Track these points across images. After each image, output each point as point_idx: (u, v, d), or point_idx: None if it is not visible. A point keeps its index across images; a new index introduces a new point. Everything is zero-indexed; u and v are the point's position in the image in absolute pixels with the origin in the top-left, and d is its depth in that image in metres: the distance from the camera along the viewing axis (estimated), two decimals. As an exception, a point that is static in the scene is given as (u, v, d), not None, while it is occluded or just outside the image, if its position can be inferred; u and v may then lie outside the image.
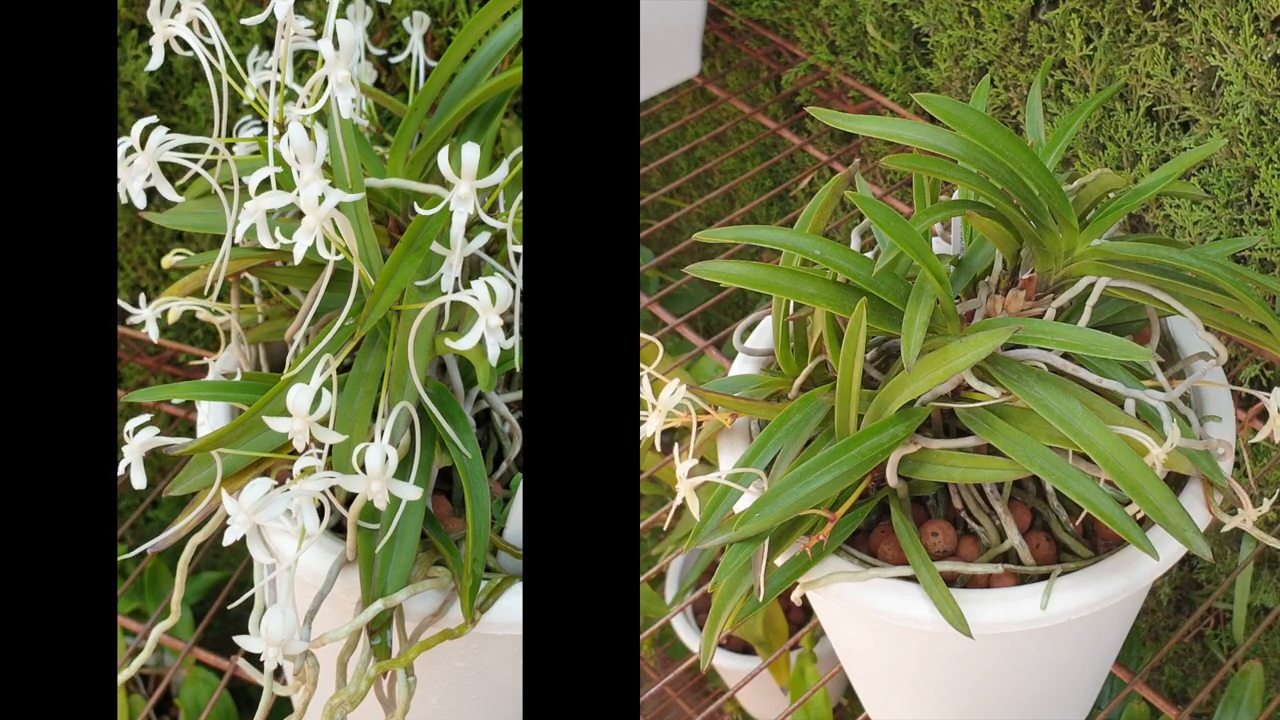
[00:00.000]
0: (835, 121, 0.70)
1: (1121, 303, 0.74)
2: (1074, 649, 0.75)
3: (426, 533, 0.55)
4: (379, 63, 0.70)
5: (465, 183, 0.48)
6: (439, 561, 0.55)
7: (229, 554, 0.98)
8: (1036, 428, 0.66)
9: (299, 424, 0.46)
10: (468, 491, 0.54)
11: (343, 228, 0.48)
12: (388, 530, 0.51)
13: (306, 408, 0.46)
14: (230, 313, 0.58)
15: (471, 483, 0.53)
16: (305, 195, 0.45)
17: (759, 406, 0.74)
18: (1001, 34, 1.10)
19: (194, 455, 0.54)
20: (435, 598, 0.54)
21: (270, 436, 0.53)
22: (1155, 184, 0.70)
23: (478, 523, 0.53)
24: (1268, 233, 0.97)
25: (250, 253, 0.55)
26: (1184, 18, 0.98)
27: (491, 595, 0.55)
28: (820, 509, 0.67)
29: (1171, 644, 0.92)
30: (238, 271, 0.55)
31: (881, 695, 0.81)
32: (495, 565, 0.57)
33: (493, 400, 0.59)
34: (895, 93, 1.23)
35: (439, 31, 0.73)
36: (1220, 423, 0.73)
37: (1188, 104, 1.00)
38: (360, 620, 0.51)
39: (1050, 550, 0.71)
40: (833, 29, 1.27)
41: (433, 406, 0.51)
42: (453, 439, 0.53)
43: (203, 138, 0.51)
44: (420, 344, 0.50)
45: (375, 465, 0.47)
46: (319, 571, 0.52)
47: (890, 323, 0.68)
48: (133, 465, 0.52)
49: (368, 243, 0.50)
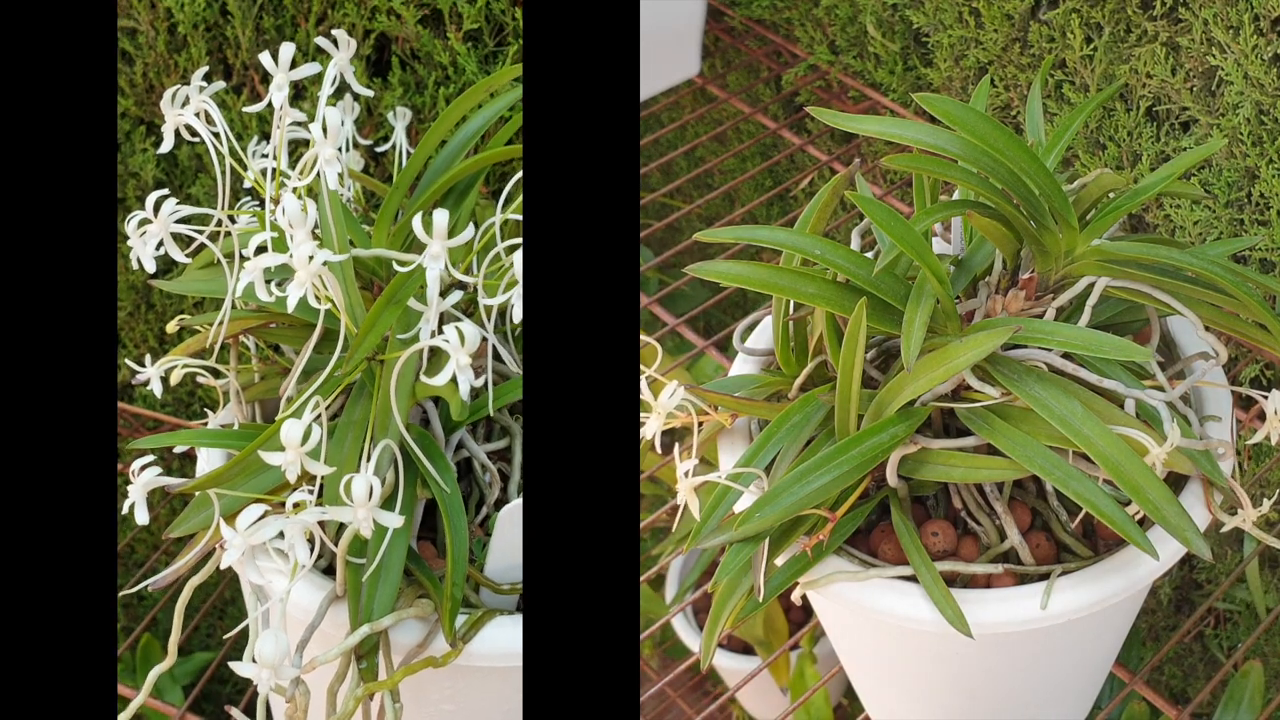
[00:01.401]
0: (835, 121, 0.70)
1: (1121, 303, 0.74)
2: (1074, 649, 0.75)
3: (411, 569, 0.58)
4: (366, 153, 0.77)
5: (437, 242, 0.53)
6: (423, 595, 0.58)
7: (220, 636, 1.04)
8: (1036, 428, 0.66)
9: (291, 455, 0.50)
10: (447, 523, 0.57)
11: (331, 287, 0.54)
12: (374, 560, 0.54)
13: (299, 439, 0.50)
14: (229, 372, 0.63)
15: (450, 515, 0.57)
16: (298, 255, 0.51)
17: (759, 406, 0.74)
18: (1001, 34, 1.10)
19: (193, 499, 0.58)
20: (419, 629, 0.57)
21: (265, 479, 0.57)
22: (1155, 184, 0.70)
23: (456, 550, 0.56)
24: (1268, 233, 0.97)
25: (248, 314, 0.62)
26: (1184, 18, 0.98)
27: (473, 627, 0.58)
28: (820, 509, 0.67)
29: (1171, 644, 0.92)
30: (236, 333, 0.62)
31: (881, 695, 0.81)
32: (477, 601, 0.60)
33: (473, 449, 0.62)
34: (895, 93, 1.23)
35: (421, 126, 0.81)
36: (1220, 423, 0.73)
37: (1188, 104, 1.00)
38: (349, 643, 0.53)
39: (1050, 550, 0.71)
40: (833, 29, 1.27)
41: (414, 446, 0.56)
42: (433, 475, 0.57)
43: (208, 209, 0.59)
44: (401, 388, 0.55)
45: (361, 494, 0.50)
46: (309, 607, 0.55)
47: (890, 323, 0.69)
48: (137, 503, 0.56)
49: (354, 301, 0.56)
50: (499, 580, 0.59)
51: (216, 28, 0.87)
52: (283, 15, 0.85)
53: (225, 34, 0.86)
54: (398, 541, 0.55)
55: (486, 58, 0.84)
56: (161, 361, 0.63)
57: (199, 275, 0.67)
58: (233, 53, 0.87)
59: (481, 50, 0.84)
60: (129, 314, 1.02)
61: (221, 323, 0.60)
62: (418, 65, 0.85)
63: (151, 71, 0.91)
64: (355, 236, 0.59)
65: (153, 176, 0.94)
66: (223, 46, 0.87)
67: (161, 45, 0.88)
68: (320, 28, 0.85)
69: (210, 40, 0.87)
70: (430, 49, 0.84)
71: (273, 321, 0.63)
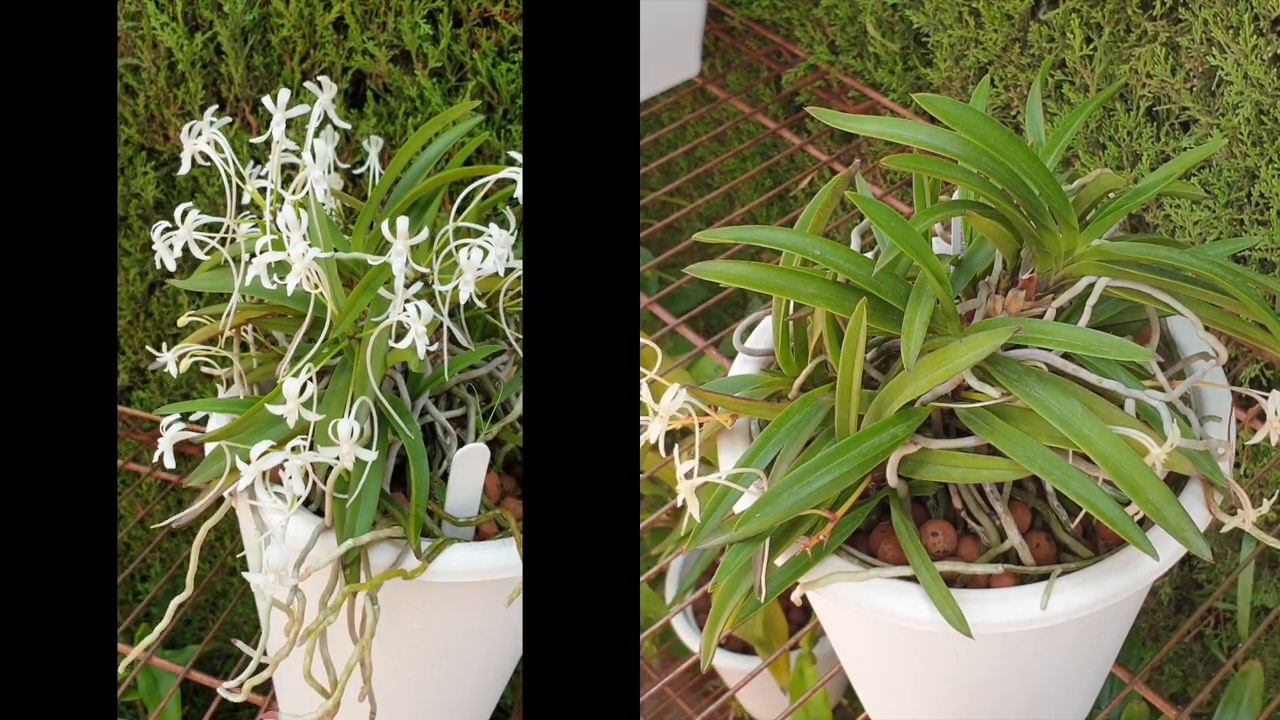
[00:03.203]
0: (835, 121, 0.70)
1: (1121, 303, 0.74)
2: (1074, 649, 0.75)
3: (385, 506, 0.70)
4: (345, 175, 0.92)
5: (400, 242, 0.66)
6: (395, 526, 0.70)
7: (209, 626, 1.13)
8: (1036, 428, 0.66)
9: (291, 405, 0.63)
10: (411, 461, 0.70)
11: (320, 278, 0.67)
12: (354, 491, 0.68)
13: (296, 392, 0.63)
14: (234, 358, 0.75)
15: (414, 455, 0.70)
16: (294, 251, 0.66)
17: (759, 406, 0.74)
18: (1001, 34, 1.10)
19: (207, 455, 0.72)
20: (392, 551, 0.69)
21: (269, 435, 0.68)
22: (1155, 184, 0.70)
23: (419, 480, 0.69)
24: (1268, 233, 0.97)
25: (251, 306, 0.74)
26: (1184, 17, 0.98)
27: (436, 550, 0.69)
28: (820, 509, 0.67)
29: (1171, 644, 0.92)
30: (239, 324, 0.73)
31: (881, 695, 0.81)
32: (439, 533, 0.72)
33: (435, 414, 0.74)
34: (895, 93, 1.23)
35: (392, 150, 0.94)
36: (1220, 423, 0.73)
37: (1188, 104, 1.00)
38: (336, 552, 0.67)
39: (1050, 550, 0.71)
40: (833, 29, 1.27)
41: (386, 404, 0.69)
42: (400, 425, 0.70)
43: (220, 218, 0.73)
44: (375, 357, 0.68)
45: (344, 433, 0.64)
46: (303, 536, 0.68)
47: (890, 323, 0.69)
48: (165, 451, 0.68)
49: (337, 292, 0.69)
50: (457, 515, 0.72)
51: (212, 65, 0.97)
52: (271, 54, 0.96)
53: (220, 70, 0.97)
54: (373, 476, 0.68)
55: (449, 91, 0.96)
56: (175, 348, 0.74)
57: (207, 275, 0.78)
58: (226, 87, 0.98)
59: (445, 85, 0.96)
60: (128, 322, 1.11)
61: (230, 312, 0.72)
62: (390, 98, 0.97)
63: (153, 103, 1.00)
64: (337, 243, 0.72)
65: (152, 197, 1.04)
66: (217, 81, 0.98)
67: (162, 80, 0.98)
68: (304, 65, 0.96)
69: (206, 75, 0.98)
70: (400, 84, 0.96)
71: (271, 312, 0.74)
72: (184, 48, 0.96)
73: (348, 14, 0.93)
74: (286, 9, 0.93)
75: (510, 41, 0.94)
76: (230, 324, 0.73)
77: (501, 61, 0.95)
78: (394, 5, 0.93)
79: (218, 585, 1.19)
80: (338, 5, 0.93)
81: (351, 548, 0.67)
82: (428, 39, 0.94)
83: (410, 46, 0.94)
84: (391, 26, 0.94)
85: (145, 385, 1.13)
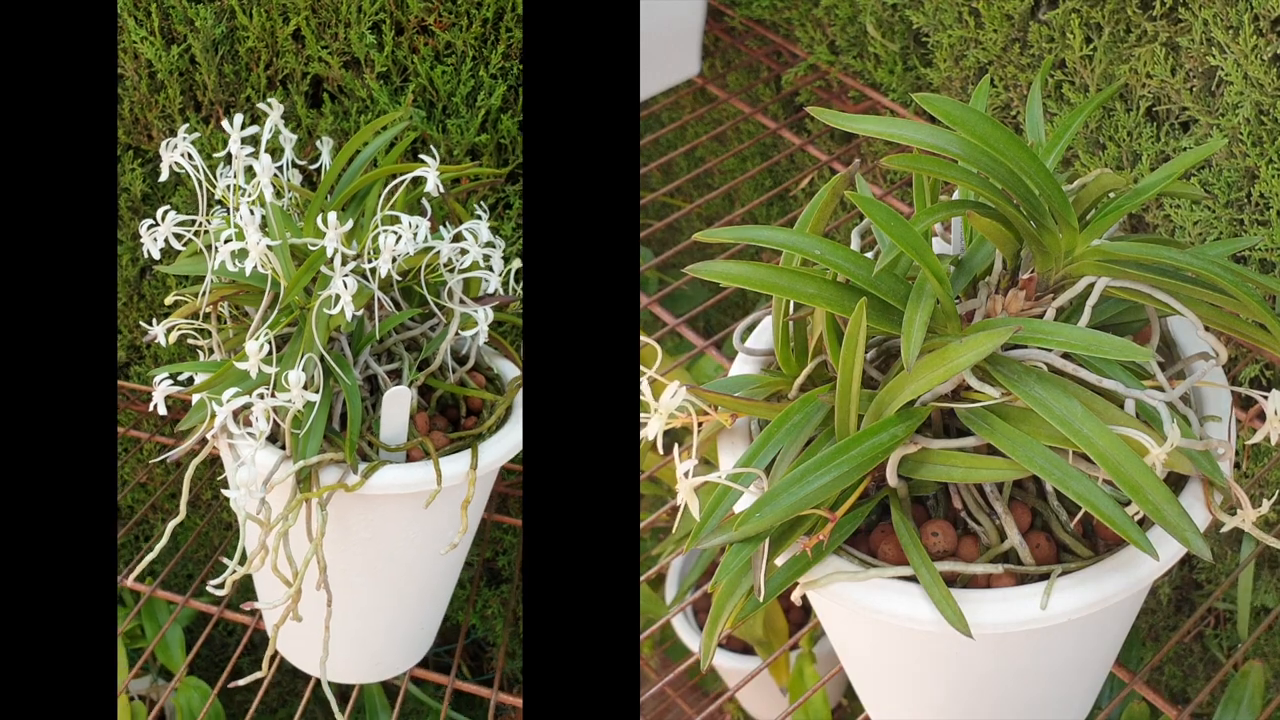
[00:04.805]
0: (835, 121, 0.70)
1: (1121, 303, 0.74)
2: (1074, 649, 0.75)
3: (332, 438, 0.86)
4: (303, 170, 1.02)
5: (331, 230, 0.81)
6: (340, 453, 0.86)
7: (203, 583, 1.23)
8: (1036, 428, 0.66)
9: (253, 361, 0.78)
10: (347, 400, 0.85)
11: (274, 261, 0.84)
12: (305, 426, 0.83)
13: (257, 350, 0.78)
14: (213, 329, 0.90)
15: (350, 395, 0.85)
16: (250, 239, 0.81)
17: (759, 406, 0.74)
18: (1001, 34, 1.10)
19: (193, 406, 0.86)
20: (337, 472, 0.84)
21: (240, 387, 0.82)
22: (1155, 184, 0.70)
23: (353, 414, 0.85)
24: (1268, 233, 0.97)
25: (223, 285, 0.88)
26: (1184, 18, 0.98)
27: (372, 469, 0.84)
28: (820, 509, 0.67)
29: (1171, 644, 0.92)
30: (216, 300, 0.88)
31: (881, 695, 0.81)
32: (376, 457, 0.87)
33: (375, 367, 0.90)
34: (895, 93, 1.23)
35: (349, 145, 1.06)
36: (1220, 423, 0.73)
37: (1188, 104, 1.00)
38: (293, 468, 0.83)
39: (1050, 550, 0.71)
40: (833, 29, 1.27)
41: (329, 358, 0.84)
42: (340, 375, 0.85)
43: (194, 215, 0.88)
44: (319, 321, 0.83)
45: (294, 380, 0.79)
46: (267, 464, 0.83)
47: (890, 323, 0.69)
48: (159, 403, 0.83)
49: (288, 272, 0.84)
50: (389, 443, 0.87)
51: (188, 73, 1.10)
52: (239, 63, 1.10)
53: (195, 78, 1.11)
54: (320, 413, 0.84)
55: (395, 91, 1.09)
56: (164, 322, 0.89)
57: (186, 261, 0.91)
58: (201, 92, 1.11)
59: (391, 86, 1.09)
60: (124, 303, 1.23)
61: (205, 292, 0.87)
62: (344, 98, 1.10)
63: (137, 108, 1.13)
64: (291, 230, 0.86)
65: (140, 191, 1.17)
66: (193, 88, 1.11)
67: (144, 87, 1.12)
68: (268, 71, 1.09)
69: (183, 82, 1.11)
70: (352, 86, 1.09)
71: (242, 290, 0.88)
72: (162, 59, 1.09)
73: (304, 27, 1.06)
74: (250, 23, 1.07)
75: (444, 47, 1.06)
76: (207, 301, 0.87)
77: (439, 64, 1.07)
78: (343, 18, 1.06)
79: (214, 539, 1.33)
80: (295, 19, 1.06)
81: (303, 467, 0.82)
82: (374, 47, 1.07)
83: (359, 54, 1.07)
84: (342, 36, 1.07)
85: (141, 361, 1.26)
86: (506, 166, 1.11)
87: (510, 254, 1.12)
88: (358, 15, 1.05)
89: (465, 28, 1.05)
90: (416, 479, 0.84)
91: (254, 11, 1.06)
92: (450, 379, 0.92)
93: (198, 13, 1.06)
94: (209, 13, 1.06)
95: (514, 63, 1.07)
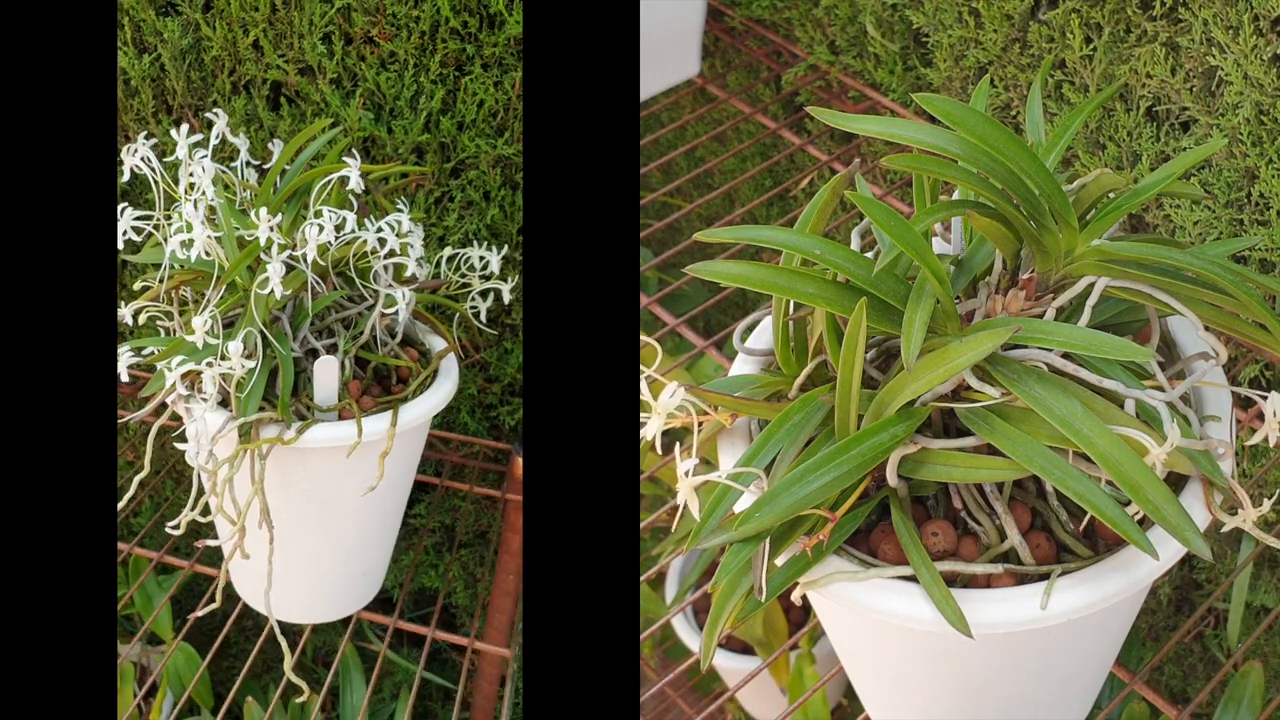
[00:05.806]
0: (835, 121, 0.70)
1: (1121, 303, 0.74)
2: (1074, 649, 0.75)
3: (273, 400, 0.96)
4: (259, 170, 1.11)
5: (263, 223, 0.92)
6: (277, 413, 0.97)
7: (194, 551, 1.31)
8: (1036, 428, 0.66)
9: (199, 335, 0.89)
10: (281, 366, 0.95)
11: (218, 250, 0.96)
12: (247, 389, 0.94)
13: (203, 325, 0.90)
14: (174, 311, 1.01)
15: (284, 363, 0.95)
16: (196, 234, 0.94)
17: (759, 406, 0.74)
18: (1001, 34, 1.10)
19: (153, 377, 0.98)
20: (275, 429, 0.95)
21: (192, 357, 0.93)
22: (1155, 184, 0.70)
23: (286, 379, 0.94)
24: (1268, 233, 0.97)
25: (181, 272, 0.99)
26: (1184, 18, 0.98)
27: (306, 426, 0.95)
28: (820, 509, 0.67)
29: (1171, 644, 0.92)
30: (175, 285, 0.99)
31: (881, 695, 0.81)
32: (310, 416, 0.97)
33: (312, 341, 1.00)
34: (895, 93, 1.23)
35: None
36: (1220, 423, 0.73)
37: (1188, 104, 1.00)
38: (237, 422, 0.93)
39: (1050, 550, 0.71)
40: (833, 29, 1.27)
41: (267, 332, 0.95)
42: (276, 346, 0.95)
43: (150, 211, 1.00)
44: (258, 301, 0.93)
45: (233, 350, 0.90)
46: (216, 423, 0.93)
47: (890, 323, 0.69)
48: (122, 371, 0.94)
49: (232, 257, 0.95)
50: (321, 404, 0.97)
51: (159, 79, 1.21)
52: (205, 70, 1.20)
53: (165, 84, 1.21)
54: (260, 379, 0.94)
55: (346, 95, 1.19)
56: (131, 305, 0.99)
57: (149, 251, 1.03)
58: (171, 97, 1.22)
59: (342, 90, 1.19)
60: None
61: (163, 278, 0.99)
62: (300, 102, 1.21)
63: None
64: (239, 222, 0.97)
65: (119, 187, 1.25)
66: (164, 93, 1.22)
67: (120, 93, 1.22)
68: (232, 78, 1.20)
69: (154, 88, 1.21)
70: (308, 91, 1.20)
71: (196, 276, 0.99)
72: (135, 67, 1.19)
73: (262, 38, 1.17)
74: (214, 34, 1.18)
75: (389, 55, 1.17)
76: (167, 286, 0.99)
77: (384, 71, 1.18)
78: (297, 29, 1.17)
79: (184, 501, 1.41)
80: (254, 31, 1.17)
81: (244, 423, 0.94)
82: (325, 55, 1.17)
83: (312, 62, 1.18)
84: (297, 46, 1.18)
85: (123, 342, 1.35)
86: (449, 163, 1.22)
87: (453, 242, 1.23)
88: (309, 27, 1.17)
89: (405, 39, 1.16)
90: (344, 434, 0.95)
91: (217, 24, 1.17)
92: (382, 352, 1.04)
93: (165, 25, 1.17)
94: (176, 25, 1.17)
95: (451, 70, 1.18)
